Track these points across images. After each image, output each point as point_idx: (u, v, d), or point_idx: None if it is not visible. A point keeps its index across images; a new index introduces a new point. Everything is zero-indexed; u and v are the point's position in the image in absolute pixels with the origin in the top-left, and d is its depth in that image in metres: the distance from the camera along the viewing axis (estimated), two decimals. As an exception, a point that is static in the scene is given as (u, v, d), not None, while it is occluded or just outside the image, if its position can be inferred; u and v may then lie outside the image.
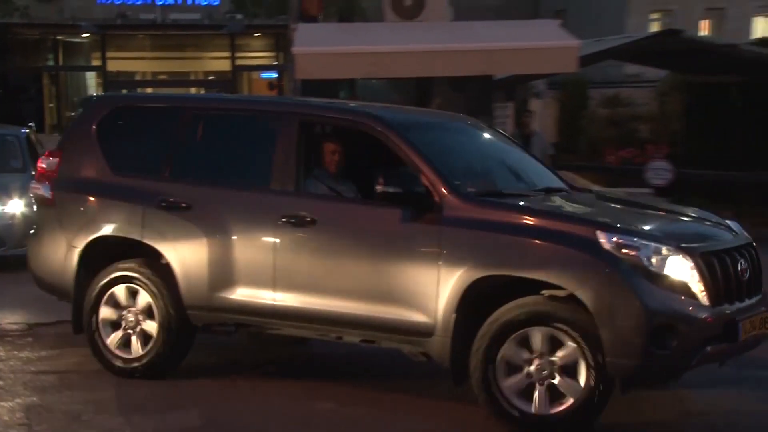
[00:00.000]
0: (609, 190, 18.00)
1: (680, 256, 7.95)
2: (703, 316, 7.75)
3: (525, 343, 7.91)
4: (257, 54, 47.34)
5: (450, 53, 17.84)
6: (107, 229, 9.61)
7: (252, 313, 9.41)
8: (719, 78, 26.16)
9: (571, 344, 7.81)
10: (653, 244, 8.06)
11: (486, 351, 8.02)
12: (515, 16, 40.23)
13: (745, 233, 9.14)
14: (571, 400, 7.67)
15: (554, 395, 7.71)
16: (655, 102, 29.91)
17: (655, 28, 47.15)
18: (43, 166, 9.87)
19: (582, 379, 7.71)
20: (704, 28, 52.66)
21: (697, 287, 7.79)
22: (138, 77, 46.83)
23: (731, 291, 8.03)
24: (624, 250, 7.92)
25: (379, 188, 8.58)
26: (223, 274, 9.26)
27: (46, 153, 10.03)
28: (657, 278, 7.83)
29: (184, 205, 9.29)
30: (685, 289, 7.81)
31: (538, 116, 23.97)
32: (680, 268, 7.90)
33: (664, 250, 8.03)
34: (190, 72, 49.33)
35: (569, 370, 7.76)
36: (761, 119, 24.96)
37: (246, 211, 9.42)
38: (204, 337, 10.05)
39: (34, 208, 10.15)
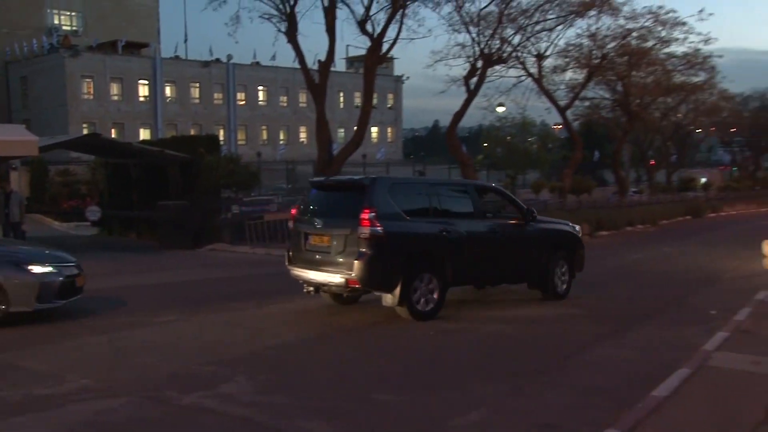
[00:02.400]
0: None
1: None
2: None
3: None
4: None
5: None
6: (419, 247, 10.70)
7: (478, 279, 12.14)
8: (124, 160, 26.47)
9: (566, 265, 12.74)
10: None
11: (559, 275, 12.60)
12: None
13: None
14: None
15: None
16: (90, 173, 29.91)
17: (86, 131, 47.01)
18: (369, 218, 9.97)
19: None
20: (113, 134, 53.08)
21: None
22: None
23: None
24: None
25: (534, 215, 12.59)
26: (469, 261, 11.23)
27: (366, 210, 10.04)
28: None
29: (447, 230, 10.88)
30: None
31: (16, 181, 24.48)
32: None
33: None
34: None
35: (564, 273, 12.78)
36: (146, 182, 25.43)
37: (473, 229, 11.39)
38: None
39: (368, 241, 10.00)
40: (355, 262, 9.95)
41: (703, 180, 60.51)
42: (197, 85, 63.23)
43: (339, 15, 24.95)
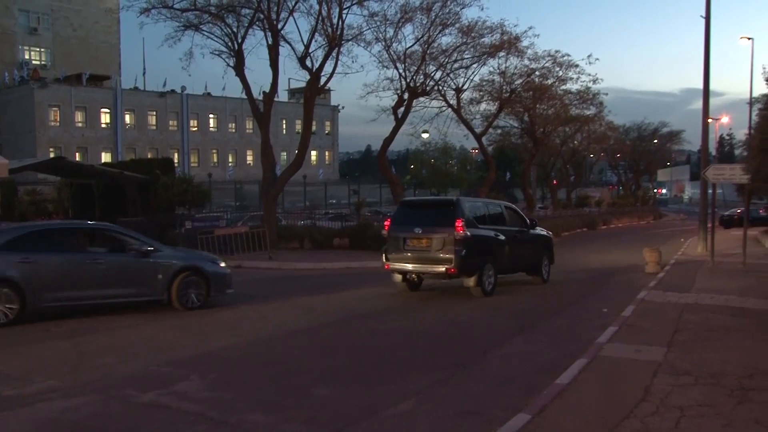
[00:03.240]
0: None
1: None
2: None
3: None
4: None
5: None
6: (486, 246, 13.35)
7: (507, 269, 14.36)
8: (87, 180, 25.80)
9: (546, 259, 15.87)
10: None
11: (545, 266, 15.65)
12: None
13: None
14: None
15: None
16: (56, 192, 28.52)
17: (52, 155, 45.36)
18: (462, 225, 12.74)
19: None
20: (78, 157, 51.52)
21: None
22: None
23: None
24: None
25: (535, 225, 15.92)
26: (505, 256, 13.88)
27: (458, 220, 12.80)
28: None
29: (497, 234, 13.80)
30: None
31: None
32: None
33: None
34: None
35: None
36: (107, 200, 24.72)
37: (507, 234, 14.01)
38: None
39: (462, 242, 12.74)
40: (454, 256, 12.60)
41: (596, 197, 62.31)
42: (154, 113, 62.04)
43: (282, 52, 24.82)
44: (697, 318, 10.26)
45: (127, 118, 60.29)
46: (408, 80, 28.14)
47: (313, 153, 69.51)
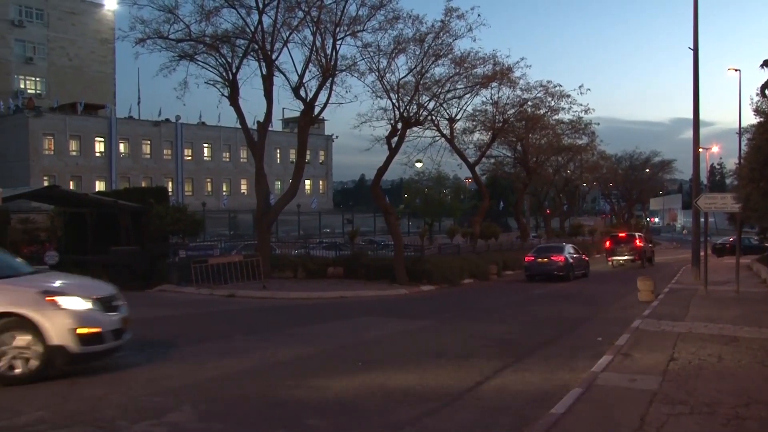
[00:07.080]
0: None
1: None
2: None
3: None
4: None
5: None
6: (645, 249, 37.69)
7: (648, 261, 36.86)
8: (80, 209, 25.71)
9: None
10: None
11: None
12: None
13: None
14: None
15: None
16: (49, 221, 28.11)
17: (46, 183, 45.36)
18: (640, 241, 36.54)
19: None
20: (71, 185, 51.40)
21: None
22: None
23: None
24: None
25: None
26: (647, 253, 38.14)
27: (636, 239, 36.69)
28: None
29: (647, 244, 36.07)
30: None
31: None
32: None
33: None
34: None
35: None
36: (101, 229, 24.60)
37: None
38: None
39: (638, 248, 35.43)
40: (639, 253, 35.38)
41: (590, 226, 62.48)
42: (148, 142, 62.30)
43: (276, 82, 25.02)
44: (692, 347, 10.24)
45: (122, 147, 60.50)
46: (401, 110, 28.34)
47: (307, 182, 69.73)
